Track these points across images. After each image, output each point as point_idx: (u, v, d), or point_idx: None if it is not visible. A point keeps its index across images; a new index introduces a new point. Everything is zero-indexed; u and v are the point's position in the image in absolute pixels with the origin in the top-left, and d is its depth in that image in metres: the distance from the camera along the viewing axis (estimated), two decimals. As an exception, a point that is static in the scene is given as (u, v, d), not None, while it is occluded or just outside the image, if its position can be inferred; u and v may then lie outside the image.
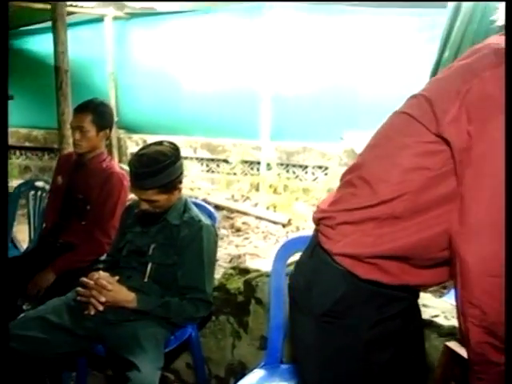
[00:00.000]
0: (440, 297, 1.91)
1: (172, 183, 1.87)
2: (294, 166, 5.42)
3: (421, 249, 1.03)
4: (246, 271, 2.22)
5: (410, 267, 1.05)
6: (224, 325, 2.17)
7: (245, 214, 4.98)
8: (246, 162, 5.57)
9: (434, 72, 3.04)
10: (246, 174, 5.55)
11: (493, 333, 0.90)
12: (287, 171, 5.44)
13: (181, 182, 1.93)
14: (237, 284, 2.15)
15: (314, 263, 1.14)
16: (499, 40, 0.99)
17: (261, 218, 4.87)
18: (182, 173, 1.92)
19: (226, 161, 5.63)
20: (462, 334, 0.95)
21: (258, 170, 5.50)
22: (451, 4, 2.94)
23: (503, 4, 2.70)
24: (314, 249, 1.14)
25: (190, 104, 5.67)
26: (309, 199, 5.11)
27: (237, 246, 4.35)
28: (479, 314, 0.90)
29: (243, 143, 5.49)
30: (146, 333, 1.76)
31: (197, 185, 5.47)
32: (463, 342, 0.96)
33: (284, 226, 4.72)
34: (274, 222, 4.78)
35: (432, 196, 1.00)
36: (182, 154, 1.95)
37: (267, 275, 2.01)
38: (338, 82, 5.15)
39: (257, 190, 5.28)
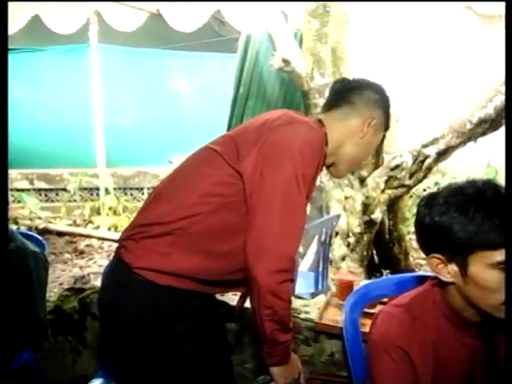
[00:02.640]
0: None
1: None
2: (131, 188, 5.28)
3: (210, 271, 1.05)
4: (81, 290, 2.07)
5: (202, 284, 1.06)
6: (63, 344, 1.99)
7: (88, 236, 4.66)
8: (85, 188, 5.19)
9: (234, 104, 3.25)
10: (86, 200, 5.18)
11: (281, 322, 1.01)
12: (125, 194, 5.26)
13: None
14: (72, 304, 1.98)
15: (116, 276, 1.09)
16: (287, 112, 1.11)
17: (103, 238, 4.62)
18: None
19: (64, 189, 5.17)
20: (258, 329, 1.02)
21: (97, 195, 5.18)
22: (240, 49, 3.17)
23: (279, 51, 2.96)
24: (116, 263, 1.10)
25: (24, 137, 5.08)
26: (147, 217, 5.01)
27: (81, 267, 4.06)
28: (271, 312, 0.99)
29: (80, 171, 5.12)
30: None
31: (37, 215, 4.93)
32: (260, 336, 1.03)
33: (125, 243, 4.54)
34: (116, 241, 4.57)
35: (223, 219, 1.03)
36: (19, 186, 1.73)
37: (100, 291, 1.91)
38: (165, 111, 5.19)
39: (98, 213, 4.98)
